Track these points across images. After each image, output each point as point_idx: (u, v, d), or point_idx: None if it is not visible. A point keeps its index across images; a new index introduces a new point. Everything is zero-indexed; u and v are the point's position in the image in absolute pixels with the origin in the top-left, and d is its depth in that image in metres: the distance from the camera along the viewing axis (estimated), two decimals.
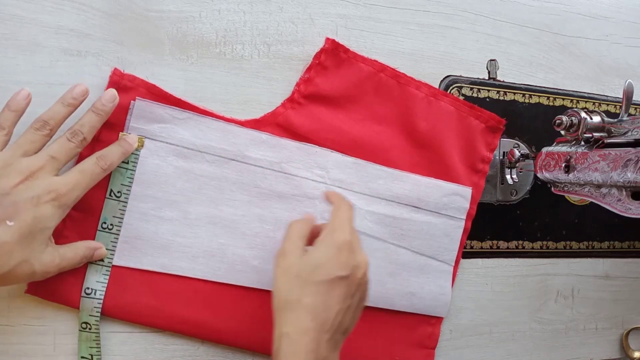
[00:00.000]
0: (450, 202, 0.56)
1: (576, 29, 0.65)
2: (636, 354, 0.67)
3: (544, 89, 0.63)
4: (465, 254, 0.59)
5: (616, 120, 0.50)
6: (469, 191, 0.57)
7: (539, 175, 0.54)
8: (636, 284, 0.68)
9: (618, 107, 0.66)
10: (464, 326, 0.60)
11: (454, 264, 0.57)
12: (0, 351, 0.45)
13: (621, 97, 0.50)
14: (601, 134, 0.50)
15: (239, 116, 0.51)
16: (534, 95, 0.62)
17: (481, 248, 0.60)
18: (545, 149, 0.54)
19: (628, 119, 0.49)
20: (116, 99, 0.45)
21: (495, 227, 0.61)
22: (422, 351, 0.57)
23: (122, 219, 0.47)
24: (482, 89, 0.59)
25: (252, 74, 0.52)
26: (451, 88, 0.58)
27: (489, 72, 0.60)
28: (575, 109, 0.51)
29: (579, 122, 0.50)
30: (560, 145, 0.53)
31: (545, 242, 0.63)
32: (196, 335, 0.50)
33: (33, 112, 0.43)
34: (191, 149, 0.49)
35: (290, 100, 0.52)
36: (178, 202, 0.49)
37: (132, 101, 0.47)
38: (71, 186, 0.42)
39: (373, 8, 0.55)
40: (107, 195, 0.47)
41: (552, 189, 0.55)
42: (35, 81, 0.45)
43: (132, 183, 0.47)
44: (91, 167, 0.43)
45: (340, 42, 0.53)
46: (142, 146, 0.48)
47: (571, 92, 0.64)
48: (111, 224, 0.47)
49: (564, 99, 0.63)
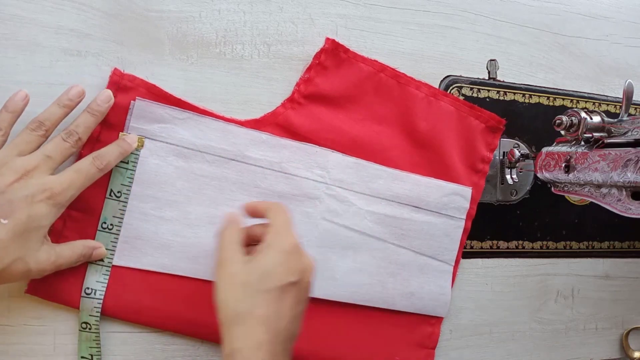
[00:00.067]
0: (450, 202, 0.56)
1: (576, 29, 0.65)
2: (636, 354, 0.67)
3: (544, 89, 0.63)
4: (465, 254, 0.59)
5: (616, 120, 0.50)
6: (469, 191, 0.57)
7: (539, 175, 0.54)
8: (636, 284, 0.68)
9: (618, 107, 0.66)
10: (464, 326, 0.60)
11: (454, 264, 0.57)
12: (0, 351, 0.45)
13: (621, 97, 0.50)
14: (601, 134, 0.50)
15: (239, 116, 0.51)
16: (534, 95, 0.62)
17: (481, 248, 0.60)
18: (545, 149, 0.54)
19: (628, 119, 0.49)
20: (111, 99, 0.45)
21: (495, 227, 0.61)
22: (422, 351, 0.57)
23: (122, 219, 0.47)
24: (482, 89, 0.59)
25: (252, 74, 0.52)
26: (451, 88, 0.58)
27: (489, 72, 0.60)
28: (575, 109, 0.51)
29: (579, 122, 0.50)
30: (560, 145, 0.53)
31: (545, 242, 0.63)
32: (196, 335, 0.50)
33: (33, 112, 0.43)
34: (191, 149, 0.49)
35: (290, 100, 0.52)
36: (178, 202, 0.49)
37: (132, 101, 0.47)
38: (66, 185, 0.42)
39: (373, 8, 0.55)
40: (107, 195, 0.47)
41: (552, 189, 0.55)
42: (35, 81, 0.45)
43: (132, 183, 0.47)
44: (87, 166, 0.43)
45: (340, 42, 0.53)
46: (142, 146, 0.48)
47: (571, 92, 0.64)
48: (111, 224, 0.47)
49: (564, 99, 0.63)
